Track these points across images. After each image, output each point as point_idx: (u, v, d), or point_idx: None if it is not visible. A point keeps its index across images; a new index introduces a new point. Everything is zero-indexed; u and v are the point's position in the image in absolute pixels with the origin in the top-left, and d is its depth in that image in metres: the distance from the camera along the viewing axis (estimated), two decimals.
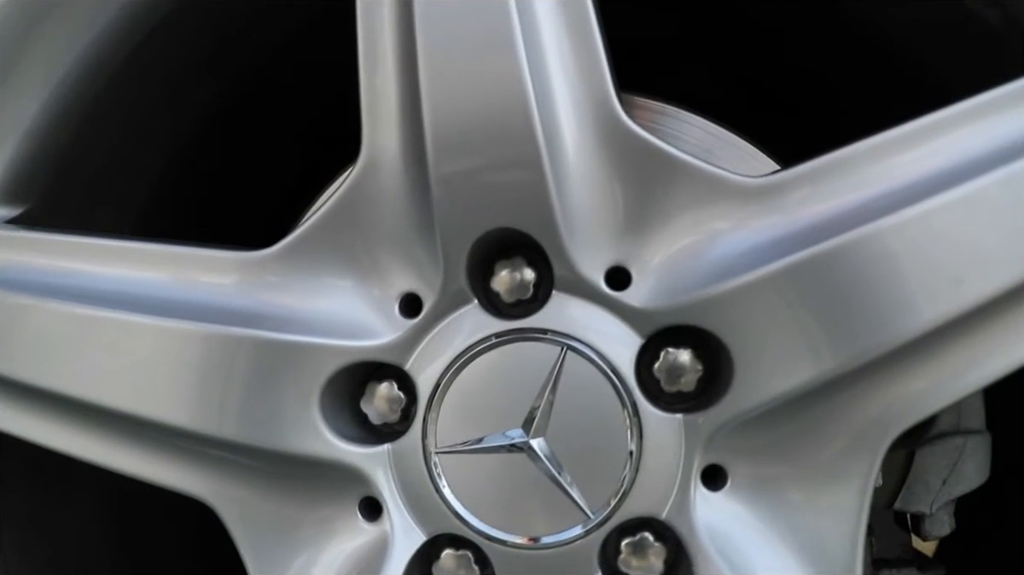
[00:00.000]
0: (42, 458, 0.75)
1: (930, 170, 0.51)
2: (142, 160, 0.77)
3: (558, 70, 0.57)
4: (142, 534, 0.83)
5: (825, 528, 0.54)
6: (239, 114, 0.79)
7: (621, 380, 0.57)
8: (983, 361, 0.50)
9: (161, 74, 0.73)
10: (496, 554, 0.58)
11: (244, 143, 0.83)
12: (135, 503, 0.82)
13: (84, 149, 0.71)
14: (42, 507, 0.77)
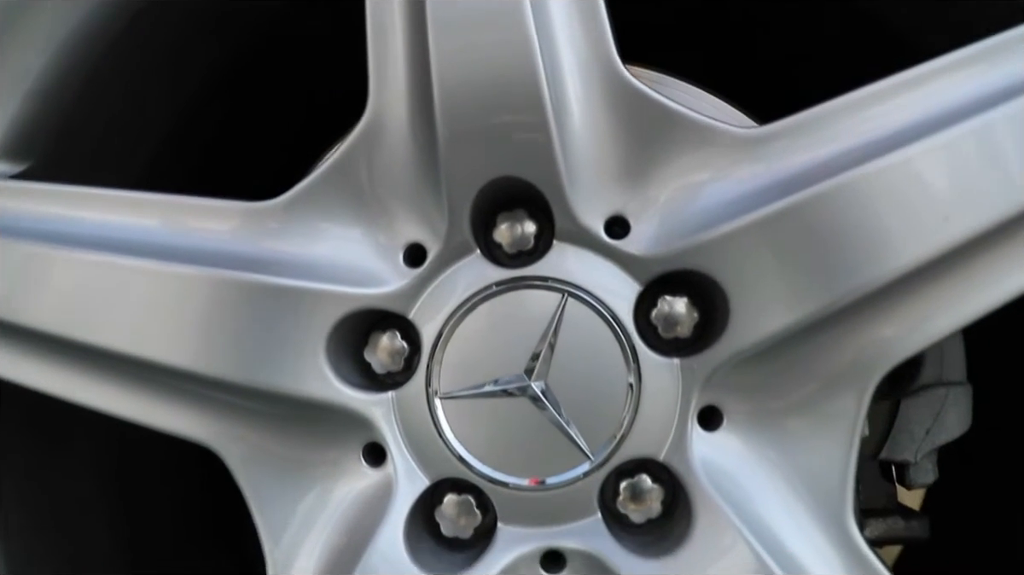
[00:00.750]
0: (41, 414, 0.78)
1: (905, 121, 0.54)
2: (143, 124, 0.79)
3: (563, 29, 0.59)
4: (140, 490, 0.84)
5: (818, 464, 0.57)
6: (242, 79, 0.81)
7: (620, 326, 0.59)
8: (963, 299, 0.53)
9: (164, 37, 0.75)
10: (498, 497, 0.60)
11: (247, 108, 0.85)
12: (133, 460, 0.84)
13: (86, 111, 0.73)
14: (41, 463, 0.78)
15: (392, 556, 0.59)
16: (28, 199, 0.65)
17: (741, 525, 0.56)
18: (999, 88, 0.53)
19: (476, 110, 0.58)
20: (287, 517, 0.61)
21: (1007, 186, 0.52)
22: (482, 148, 0.59)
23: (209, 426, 0.61)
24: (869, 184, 0.52)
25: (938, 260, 0.52)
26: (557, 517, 0.60)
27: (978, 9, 0.62)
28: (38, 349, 0.62)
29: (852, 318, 0.54)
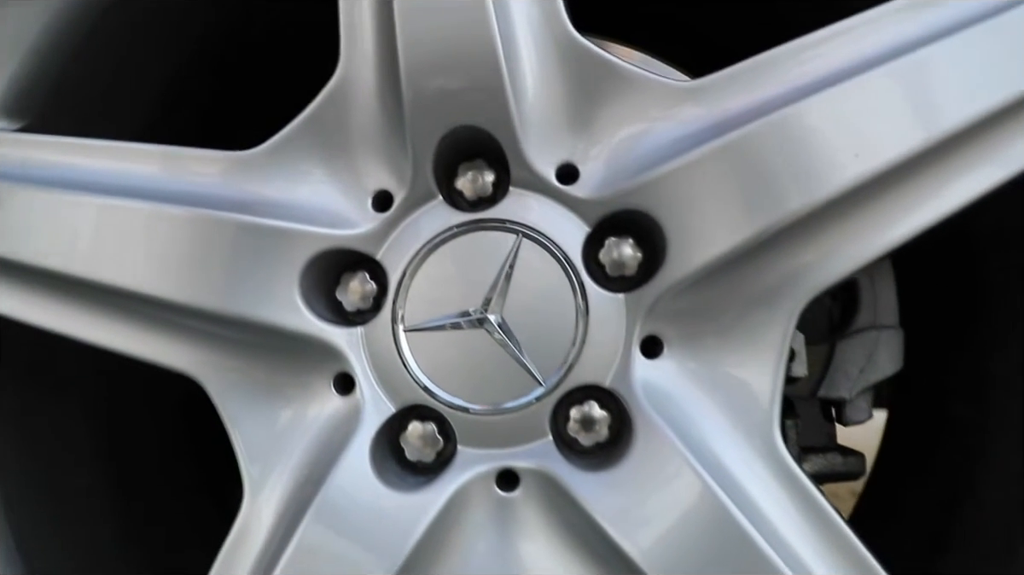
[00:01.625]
0: (35, 360, 0.84)
1: (821, 71, 0.60)
2: (137, 86, 0.85)
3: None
4: (129, 436, 0.90)
5: (747, 385, 0.63)
6: (235, 41, 0.87)
7: (570, 264, 0.66)
8: (876, 230, 0.60)
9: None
10: (458, 421, 0.66)
11: (238, 71, 0.91)
12: (122, 407, 0.90)
13: (83, 71, 0.79)
14: (35, 407, 0.84)
15: (358, 474, 0.65)
16: (24, 147, 0.71)
17: (678, 440, 0.62)
18: (906, 40, 0.59)
19: (437, 67, 0.65)
20: (262, 439, 0.67)
21: (909, 128, 0.58)
22: (442, 102, 0.65)
23: (191, 356, 0.67)
24: (788, 126, 0.59)
25: (849, 194, 0.59)
26: (512, 440, 0.66)
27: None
28: (35, 286, 0.69)
29: (777, 247, 0.61)
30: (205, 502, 0.96)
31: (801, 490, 0.62)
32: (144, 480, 0.91)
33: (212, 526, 0.89)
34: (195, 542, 0.86)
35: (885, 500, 1.04)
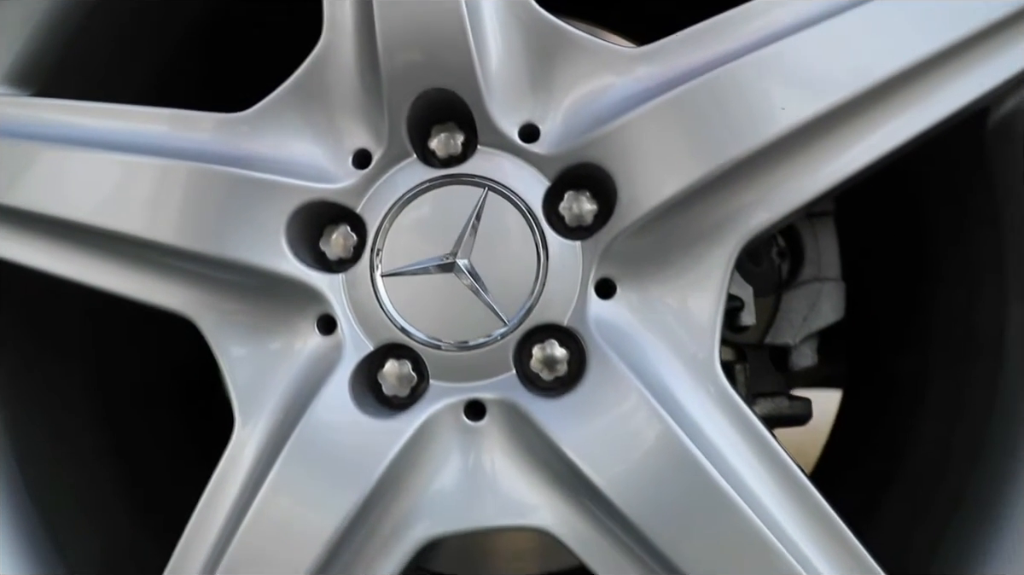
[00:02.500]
0: (35, 315, 0.91)
1: (754, 35, 0.68)
2: (135, 59, 0.92)
3: None
4: (122, 391, 0.98)
5: (691, 320, 0.70)
6: (226, 17, 0.94)
7: (532, 214, 0.73)
8: (807, 176, 0.68)
9: None
10: (430, 358, 0.74)
11: (230, 44, 0.99)
12: (116, 363, 0.98)
13: (85, 46, 0.87)
14: (34, 362, 0.92)
15: (338, 403, 0.72)
16: (33, 108, 0.79)
17: (628, 370, 0.69)
18: (828, 9, 0.67)
19: (410, 36, 0.72)
20: (251, 373, 0.75)
21: (829, 84, 0.66)
22: (415, 68, 0.73)
23: (185, 296, 0.75)
24: (722, 84, 0.67)
25: (778, 143, 0.66)
26: (479, 374, 0.73)
27: None
28: (42, 234, 0.77)
29: (715, 194, 0.68)
30: (192, 450, 1.04)
31: (740, 416, 0.69)
32: (139, 445, 0.98)
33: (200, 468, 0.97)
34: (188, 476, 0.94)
35: (835, 464, 1.11)
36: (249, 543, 0.72)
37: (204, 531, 0.74)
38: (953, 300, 0.88)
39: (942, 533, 0.78)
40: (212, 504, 0.74)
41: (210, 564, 0.74)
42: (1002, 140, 0.74)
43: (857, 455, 1.07)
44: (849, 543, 0.68)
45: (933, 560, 0.77)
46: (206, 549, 0.74)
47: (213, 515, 0.74)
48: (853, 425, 1.12)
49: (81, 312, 0.99)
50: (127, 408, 1.04)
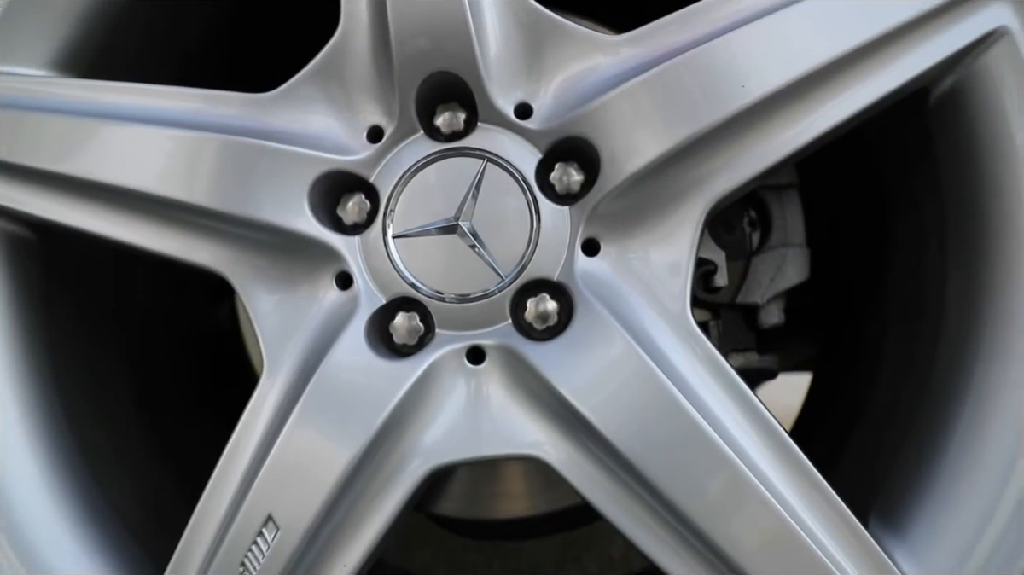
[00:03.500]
0: (81, 275, 1.02)
1: (735, 16, 0.80)
2: (172, 44, 1.03)
3: None
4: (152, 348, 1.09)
5: (667, 273, 0.82)
6: (247, 11, 1.06)
7: (526, 183, 0.84)
8: (768, 144, 0.79)
9: None
10: (436, 309, 0.85)
11: (250, 36, 1.10)
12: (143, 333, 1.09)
13: (125, 32, 0.98)
14: (78, 316, 1.03)
15: (354, 348, 0.83)
16: (77, 89, 0.90)
17: (611, 317, 0.80)
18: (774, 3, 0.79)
19: (419, 24, 0.83)
20: (277, 324, 0.86)
21: (783, 65, 0.77)
22: (423, 52, 0.84)
23: (218, 253, 0.86)
24: (691, 65, 0.78)
25: (739, 116, 0.78)
26: (480, 323, 0.84)
27: None
28: (90, 199, 0.88)
29: (687, 160, 0.80)
30: (210, 409, 1.15)
31: (708, 354, 0.81)
32: (161, 390, 1.09)
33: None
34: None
35: (810, 419, 1.22)
36: (274, 476, 0.83)
37: (232, 469, 0.85)
38: (907, 264, 0.99)
39: (890, 467, 0.89)
40: (240, 443, 0.85)
41: (235, 502, 0.85)
42: (941, 116, 0.86)
43: (827, 410, 1.18)
44: (799, 459, 0.79)
45: (882, 491, 0.88)
46: (232, 488, 0.85)
47: (241, 453, 0.85)
48: (825, 385, 1.23)
49: (112, 283, 1.10)
50: (153, 371, 1.15)
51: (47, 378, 0.95)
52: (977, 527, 0.80)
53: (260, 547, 0.80)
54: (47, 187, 0.90)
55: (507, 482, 1.24)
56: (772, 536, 0.78)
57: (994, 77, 0.82)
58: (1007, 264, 0.83)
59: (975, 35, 0.80)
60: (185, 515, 0.89)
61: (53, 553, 0.89)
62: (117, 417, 1.06)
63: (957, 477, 0.82)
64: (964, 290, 0.87)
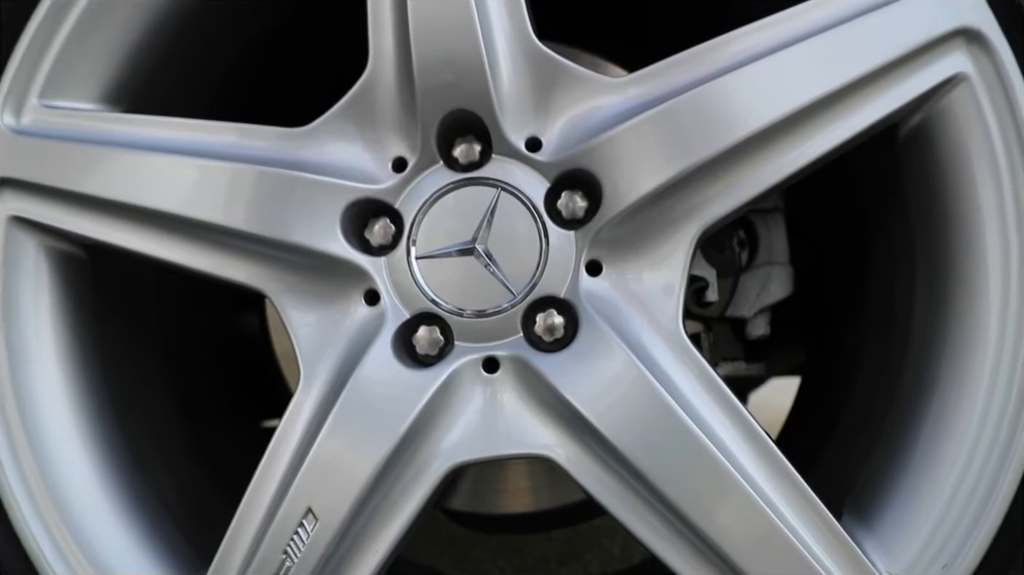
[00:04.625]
0: (123, 296, 1.13)
1: (724, 63, 0.91)
2: (203, 79, 1.14)
3: (496, 14, 0.95)
4: (186, 358, 1.20)
5: (661, 292, 0.93)
6: (275, 46, 1.16)
7: (536, 209, 0.95)
8: (752, 177, 0.90)
9: (220, 14, 1.10)
10: (454, 324, 0.96)
11: (274, 71, 1.21)
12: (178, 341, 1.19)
13: (166, 66, 1.08)
14: (122, 330, 1.13)
15: (382, 360, 0.94)
16: (128, 124, 1.01)
17: (612, 332, 0.92)
18: (769, 46, 0.90)
19: (440, 68, 0.94)
20: (312, 334, 0.97)
21: (768, 107, 0.89)
22: (443, 93, 0.95)
23: (259, 273, 0.98)
24: (684, 107, 0.90)
25: (727, 153, 0.89)
26: (494, 336, 0.96)
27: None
28: (140, 223, 0.99)
29: (678, 192, 0.91)
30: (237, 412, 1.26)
31: (698, 364, 0.92)
32: (195, 393, 1.20)
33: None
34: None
35: (796, 423, 1.33)
36: (313, 473, 0.93)
37: (273, 468, 0.96)
38: (881, 282, 1.10)
39: (863, 466, 0.99)
40: (280, 445, 0.96)
41: (277, 497, 0.95)
42: (909, 149, 0.97)
43: (812, 413, 1.28)
44: (778, 460, 0.91)
45: (856, 488, 0.99)
46: (274, 484, 0.96)
47: (281, 454, 0.96)
48: (811, 390, 1.34)
49: (153, 299, 1.21)
50: (189, 379, 1.26)
51: (100, 387, 1.06)
52: (936, 520, 0.91)
53: (301, 537, 0.92)
54: (96, 211, 1.01)
55: (512, 479, 1.35)
56: (753, 526, 0.89)
57: (955, 115, 0.93)
58: (966, 284, 0.94)
59: (938, 79, 0.92)
60: (221, 509, 1.00)
61: (110, 546, 1.00)
62: (159, 422, 1.17)
63: (920, 476, 0.94)
64: (929, 306, 0.98)
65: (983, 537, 0.90)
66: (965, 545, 0.90)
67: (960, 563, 0.90)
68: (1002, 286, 0.92)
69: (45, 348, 1.03)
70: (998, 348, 0.91)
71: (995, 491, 0.89)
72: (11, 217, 1.01)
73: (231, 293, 1.33)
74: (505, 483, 1.36)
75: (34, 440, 1.00)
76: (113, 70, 1.06)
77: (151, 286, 1.21)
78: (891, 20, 0.90)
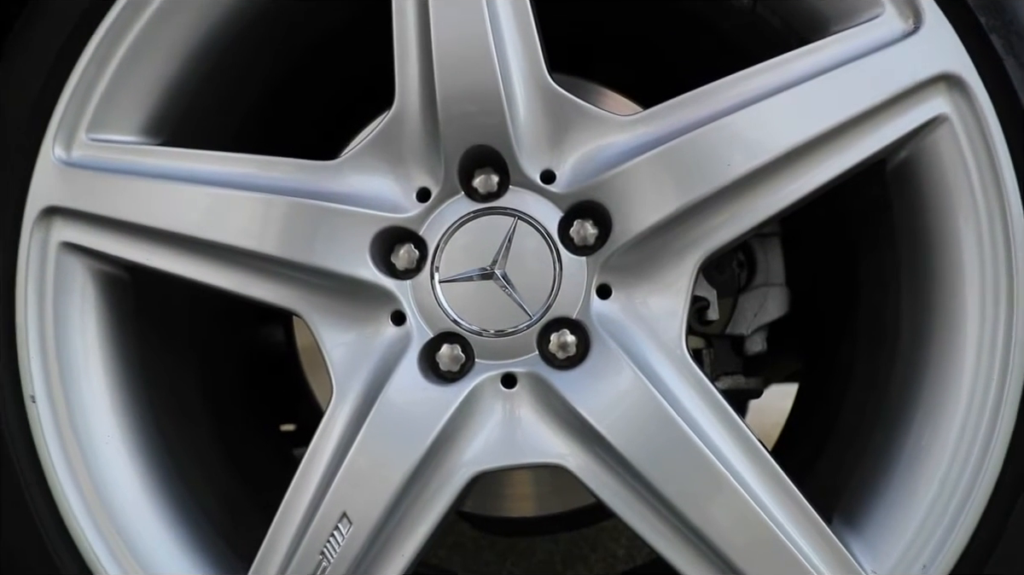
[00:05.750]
0: (164, 316, 1.22)
1: (725, 104, 1.00)
2: (230, 112, 1.23)
3: (513, 55, 1.05)
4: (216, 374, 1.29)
5: (665, 314, 1.02)
6: (293, 82, 1.26)
7: (550, 237, 1.05)
8: (752, 209, 1.00)
9: (248, 50, 1.19)
10: (475, 342, 1.06)
11: (296, 102, 1.30)
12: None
13: (200, 98, 1.17)
14: (159, 351, 1.23)
15: (409, 376, 1.04)
16: (167, 158, 1.11)
17: (620, 350, 1.02)
18: (764, 90, 0.99)
19: (462, 106, 1.03)
20: (343, 352, 1.06)
21: (766, 145, 0.98)
22: (465, 130, 1.04)
23: (294, 296, 1.08)
24: (692, 142, 1.00)
25: (729, 187, 0.99)
26: (512, 354, 1.06)
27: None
28: (181, 250, 1.09)
29: (683, 222, 1.01)
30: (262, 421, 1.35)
31: (699, 381, 1.02)
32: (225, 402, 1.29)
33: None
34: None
35: (792, 434, 1.43)
36: (348, 480, 1.03)
37: (309, 475, 1.06)
38: (871, 301, 1.19)
39: (853, 474, 1.09)
40: (315, 455, 1.07)
41: (314, 503, 1.04)
42: (896, 182, 1.06)
43: (808, 423, 1.38)
44: (772, 467, 1.01)
45: (845, 494, 1.08)
46: (310, 491, 1.06)
47: (316, 462, 1.06)
48: (805, 403, 1.43)
49: (186, 318, 1.30)
50: (219, 392, 1.35)
51: (141, 398, 1.16)
52: (918, 525, 1.01)
53: (336, 539, 1.02)
54: (138, 237, 1.11)
55: (512, 487, 1.45)
56: (749, 529, 1.00)
57: (937, 152, 1.03)
58: (948, 305, 1.04)
59: (922, 120, 1.02)
60: (253, 513, 1.09)
61: (155, 548, 1.10)
62: (194, 431, 1.26)
63: (904, 484, 1.04)
64: (914, 326, 1.08)
65: (959, 541, 1.00)
66: (943, 548, 1.00)
67: (938, 564, 1.00)
68: (980, 310, 1.02)
69: (92, 364, 1.13)
70: (975, 368, 1.01)
71: (970, 498, 1.00)
72: (62, 243, 1.11)
73: (256, 310, 1.41)
74: (515, 489, 1.46)
75: (85, 448, 1.10)
76: (153, 104, 1.16)
77: (185, 306, 1.30)
78: (878, 66, 1.00)
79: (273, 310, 1.17)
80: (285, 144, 1.23)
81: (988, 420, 1.00)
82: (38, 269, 1.12)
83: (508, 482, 1.49)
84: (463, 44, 1.03)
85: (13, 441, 1.11)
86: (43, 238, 1.12)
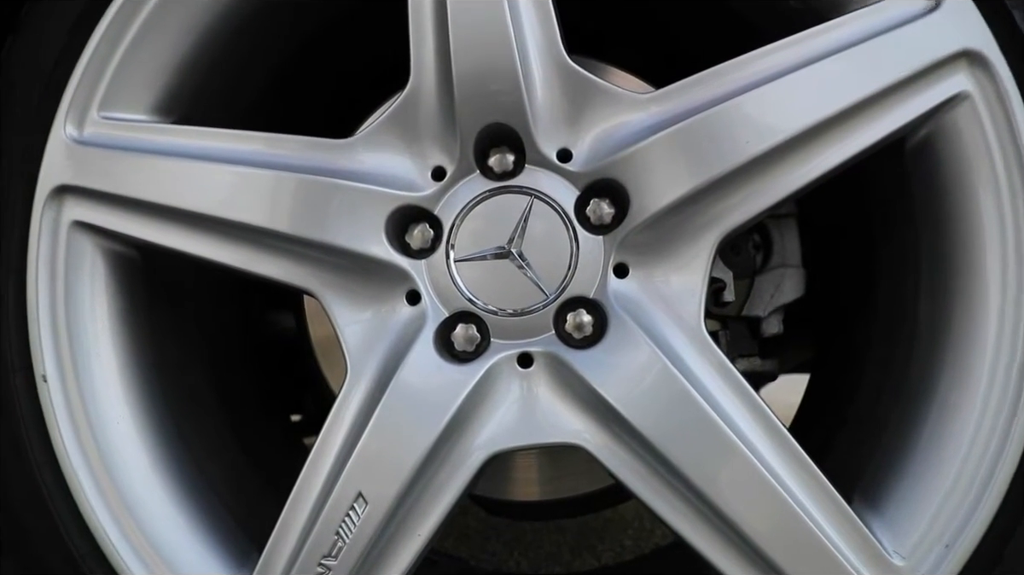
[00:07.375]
0: (172, 298, 1.22)
1: (743, 82, 1.01)
2: (240, 93, 1.24)
3: (530, 33, 1.05)
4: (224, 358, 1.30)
5: (684, 292, 1.03)
6: (306, 61, 1.27)
7: (566, 216, 1.06)
8: (769, 187, 1.01)
9: (258, 30, 1.20)
10: (491, 322, 1.07)
11: (308, 80, 1.31)
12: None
13: (208, 84, 1.18)
14: (168, 327, 1.23)
15: (425, 356, 1.05)
16: (180, 135, 1.12)
17: (638, 329, 1.02)
18: (778, 70, 0.99)
19: (478, 84, 1.04)
20: (358, 331, 1.07)
21: (785, 123, 0.99)
22: (481, 107, 1.05)
23: (308, 275, 1.09)
24: (710, 120, 1.00)
25: (746, 166, 1.00)
26: (528, 334, 1.07)
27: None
28: (195, 228, 1.09)
29: (701, 200, 1.02)
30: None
31: (717, 359, 1.03)
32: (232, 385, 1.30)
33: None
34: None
35: (808, 416, 1.43)
36: (363, 460, 1.04)
37: (324, 456, 1.07)
38: (890, 281, 1.20)
39: (872, 455, 1.09)
40: (329, 435, 1.07)
41: (329, 482, 1.05)
42: (916, 160, 1.07)
43: (823, 407, 1.38)
44: (794, 448, 1.02)
45: (865, 475, 1.09)
46: (325, 471, 1.06)
47: (331, 443, 1.07)
48: (821, 384, 1.44)
49: (194, 298, 1.31)
50: (228, 375, 1.36)
51: (150, 376, 1.17)
52: (940, 503, 1.02)
53: (352, 519, 1.02)
54: (150, 215, 1.12)
55: (522, 470, 1.46)
56: (770, 508, 1.00)
57: (958, 130, 1.04)
58: (968, 284, 1.05)
59: (943, 97, 1.03)
60: (263, 495, 1.09)
61: (165, 526, 1.11)
62: (205, 415, 1.27)
63: (924, 464, 1.04)
64: (934, 305, 1.09)
65: (982, 518, 1.01)
66: (966, 526, 1.01)
67: (961, 542, 1.01)
68: (1001, 289, 1.02)
69: (103, 344, 1.14)
70: (996, 347, 1.02)
71: (993, 476, 1.00)
72: (73, 222, 1.12)
73: (266, 295, 1.41)
74: (526, 473, 1.47)
75: (96, 427, 1.11)
76: (164, 83, 1.16)
77: (193, 286, 1.31)
78: (898, 43, 1.01)
79: (285, 291, 1.17)
80: (298, 123, 1.24)
81: (1011, 399, 1.01)
82: (49, 248, 1.13)
83: (522, 466, 1.50)
84: (480, 20, 1.03)
85: (24, 420, 1.12)
86: (54, 217, 1.12)
